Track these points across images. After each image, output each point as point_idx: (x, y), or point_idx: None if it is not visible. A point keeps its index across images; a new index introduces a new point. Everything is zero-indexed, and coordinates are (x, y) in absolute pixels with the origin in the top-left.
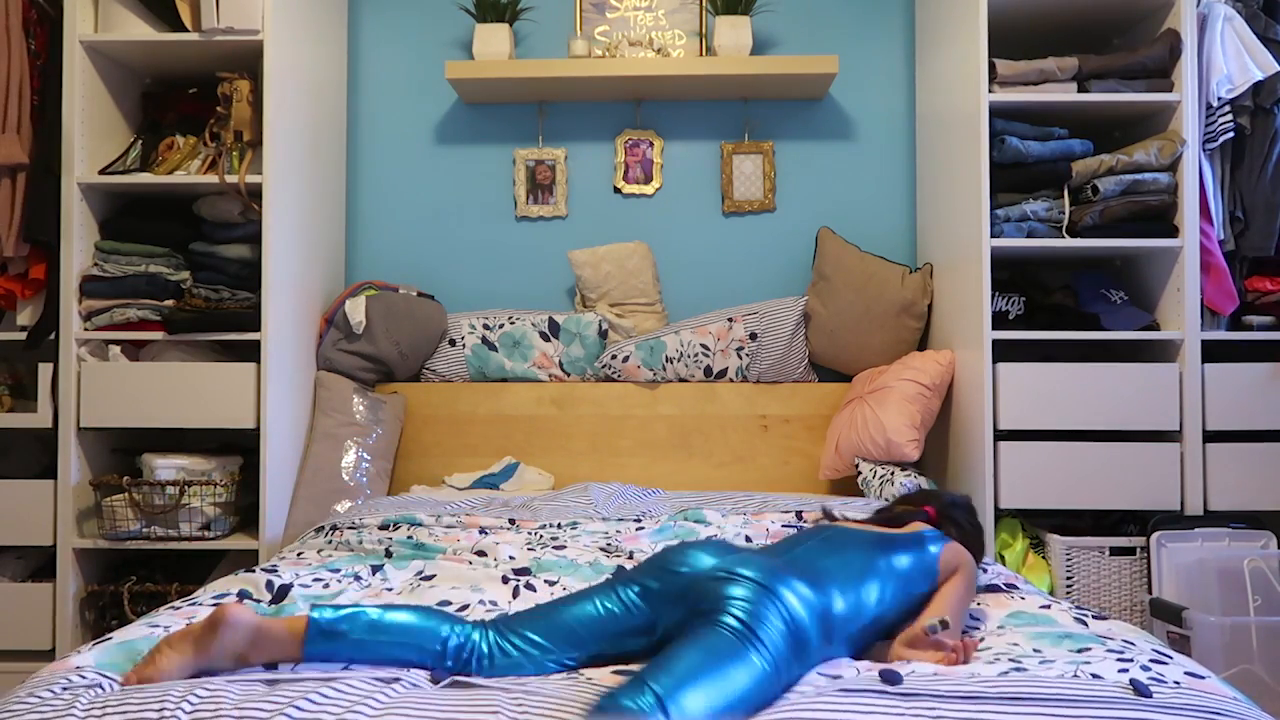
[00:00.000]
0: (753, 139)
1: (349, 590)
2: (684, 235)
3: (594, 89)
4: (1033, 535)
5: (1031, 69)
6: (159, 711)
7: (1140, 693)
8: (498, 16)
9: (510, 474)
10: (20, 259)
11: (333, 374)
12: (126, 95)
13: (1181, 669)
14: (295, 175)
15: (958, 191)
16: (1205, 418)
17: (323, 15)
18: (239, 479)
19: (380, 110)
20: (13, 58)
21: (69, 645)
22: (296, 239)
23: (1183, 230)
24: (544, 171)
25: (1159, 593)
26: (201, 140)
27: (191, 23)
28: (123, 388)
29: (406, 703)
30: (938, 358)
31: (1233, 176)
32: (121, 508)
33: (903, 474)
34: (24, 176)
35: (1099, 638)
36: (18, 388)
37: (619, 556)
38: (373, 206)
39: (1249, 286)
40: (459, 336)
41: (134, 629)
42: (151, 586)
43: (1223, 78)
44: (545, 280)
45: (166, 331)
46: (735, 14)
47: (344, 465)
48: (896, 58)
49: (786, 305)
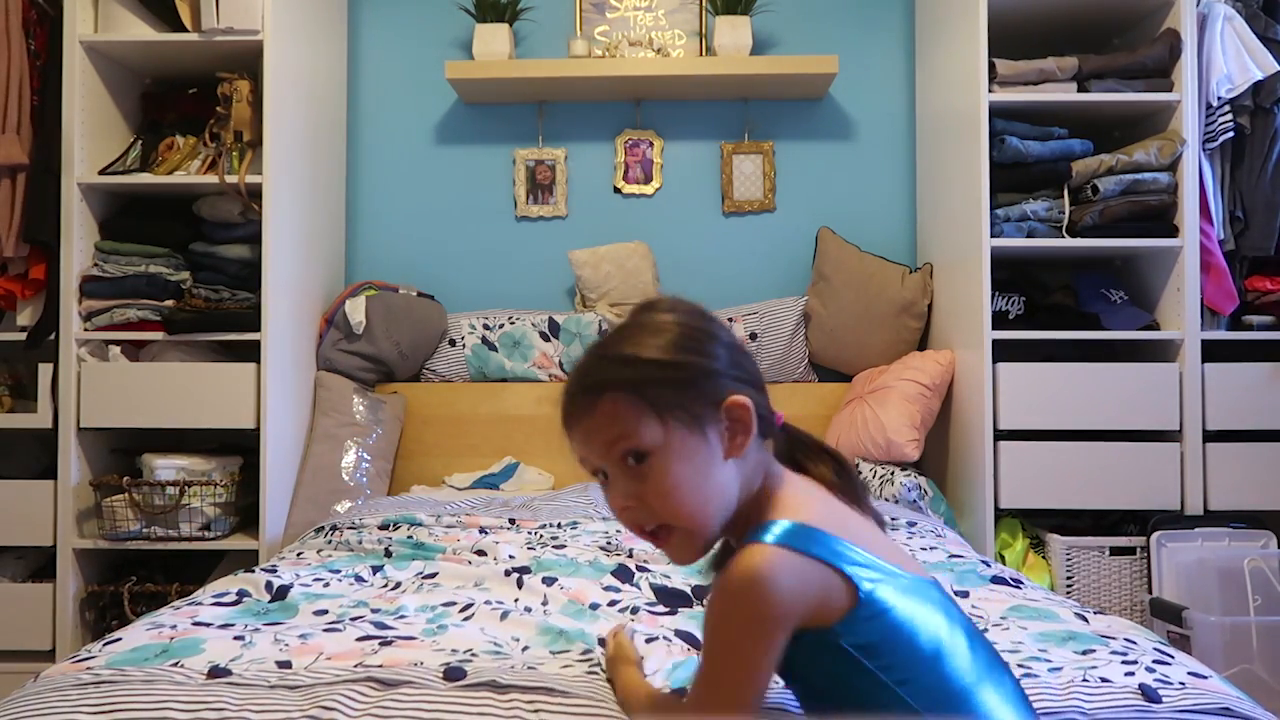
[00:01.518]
0: (753, 139)
1: (349, 590)
2: (684, 235)
3: (594, 89)
4: (1033, 535)
5: (1031, 69)
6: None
7: (1149, 698)
8: (498, 16)
9: (510, 474)
10: (20, 259)
11: (333, 374)
12: (126, 95)
13: (1185, 669)
14: (295, 175)
15: (958, 191)
16: (1205, 418)
17: (323, 15)
18: (239, 479)
19: (380, 110)
20: (13, 58)
21: (69, 646)
22: (296, 239)
23: (1183, 230)
24: (544, 171)
25: (1159, 592)
26: (201, 140)
27: (191, 23)
28: (123, 388)
29: (421, 703)
30: (938, 358)
31: (1233, 176)
32: (121, 508)
33: (903, 474)
34: (24, 176)
35: (1102, 637)
36: (18, 388)
37: (619, 556)
38: (373, 206)
39: (1249, 286)
40: (459, 336)
41: (136, 630)
42: (151, 587)
43: (1223, 77)
44: (545, 280)
45: (166, 332)
46: (735, 14)
47: (344, 465)
48: (896, 58)
49: (786, 305)
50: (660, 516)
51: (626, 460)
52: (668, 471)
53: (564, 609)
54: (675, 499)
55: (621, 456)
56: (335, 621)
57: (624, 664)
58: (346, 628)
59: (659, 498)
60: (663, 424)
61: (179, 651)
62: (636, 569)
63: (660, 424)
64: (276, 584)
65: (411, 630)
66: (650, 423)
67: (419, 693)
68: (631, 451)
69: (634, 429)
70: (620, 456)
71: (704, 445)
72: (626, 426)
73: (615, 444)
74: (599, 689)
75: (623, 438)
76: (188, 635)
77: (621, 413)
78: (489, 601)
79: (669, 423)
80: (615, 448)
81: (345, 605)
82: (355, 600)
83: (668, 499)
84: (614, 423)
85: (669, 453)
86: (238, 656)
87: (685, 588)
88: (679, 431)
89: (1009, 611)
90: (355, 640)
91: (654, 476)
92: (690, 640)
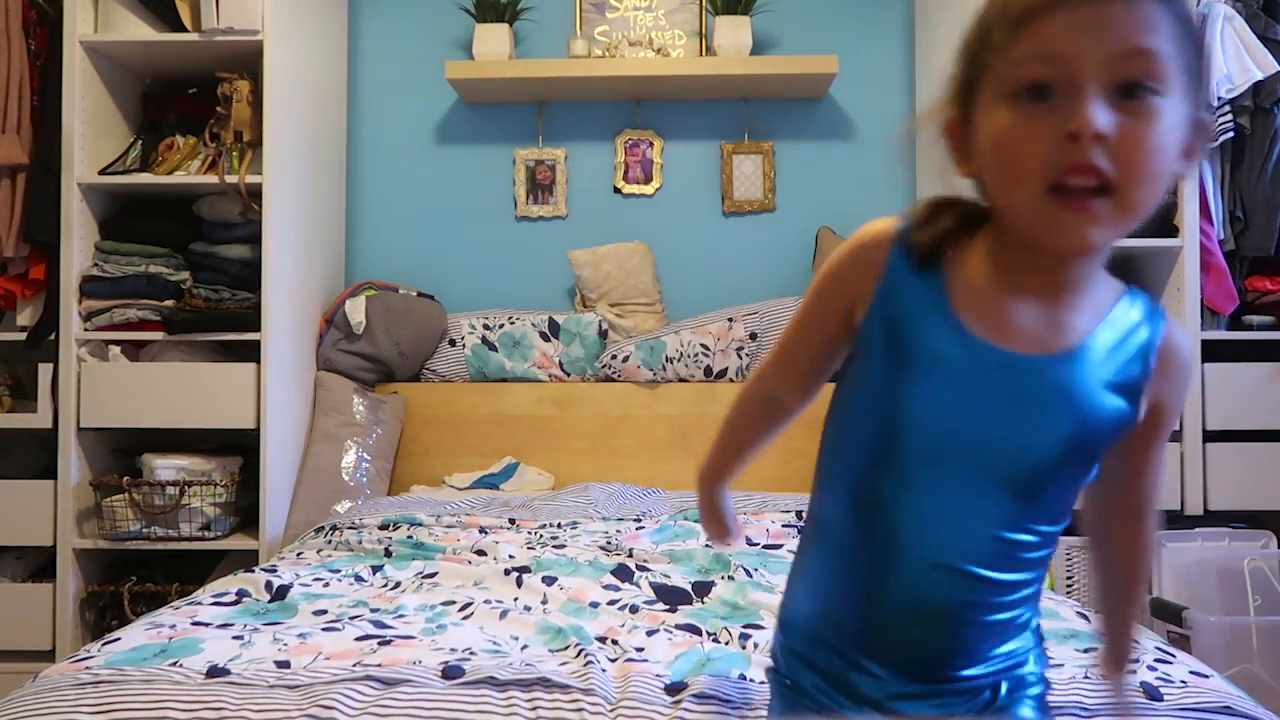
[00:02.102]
0: (753, 139)
1: (349, 590)
2: (684, 235)
3: (594, 89)
4: None
5: None
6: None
7: (1152, 696)
8: (498, 16)
9: (510, 474)
10: (20, 259)
11: (333, 374)
12: (126, 95)
13: (1186, 668)
14: (295, 175)
15: (957, 192)
16: (1205, 417)
17: (323, 15)
18: (239, 479)
19: (380, 110)
20: (13, 58)
21: (69, 646)
22: (296, 239)
23: (1183, 230)
24: (544, 171)
25: (1159, 592)
26: (201, 140)
27: (191, 23)
28: (123, 388)
29: (419, 702)
30: None
31: (1233, 176)
32: (121, 508)
33: None
34: (24, 177)
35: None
36: (18, 388)
37: (619, 555)
38: (373, 206)
39: (1249, 286)
40: (459, 336)
41: (135, 630)
42: (151, 587)
43: (1223, 77)
44: (545, 280)
45: (166, 331)
46: (735, 14)
47: (344, 465)
48: (896, 58)
49: (786, 305)
50: (1128, 170)
51: (1128, 87)
52: (1165, 123)
53: (563, 608)
54: (1159, 159)
55: (1129, 78)
56: (334, 621)
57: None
58: (345, 627)
59: (1145, 148)
60: (1185, 74)
61: (177, 651)
62: (636, 568)
63: (1183, 71)
64: (276, 584)
65: (410, 629)
66: (1177, 61)
67: (417, 691)
68: (1149, 77)
69: (1170, 55)
70: (1127, 77)
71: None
72: (1164, 46)
73: (1139, 58)
74: (595, 682)
75: (1154, 56)
76: (186, 635)
77: (1163, 27)
78: (488, 601)
79: (1187, 77)
80: (1136, 62)
81: (345, 605)
82: (355, 600)
83: (1154, 154)
84: (1153, 33)
85: (1173, 107)
86: (236, 656)
87: (685, 585)
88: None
89: None
90: (354, 640)
91: (1155, 121)
92: (694, 633)
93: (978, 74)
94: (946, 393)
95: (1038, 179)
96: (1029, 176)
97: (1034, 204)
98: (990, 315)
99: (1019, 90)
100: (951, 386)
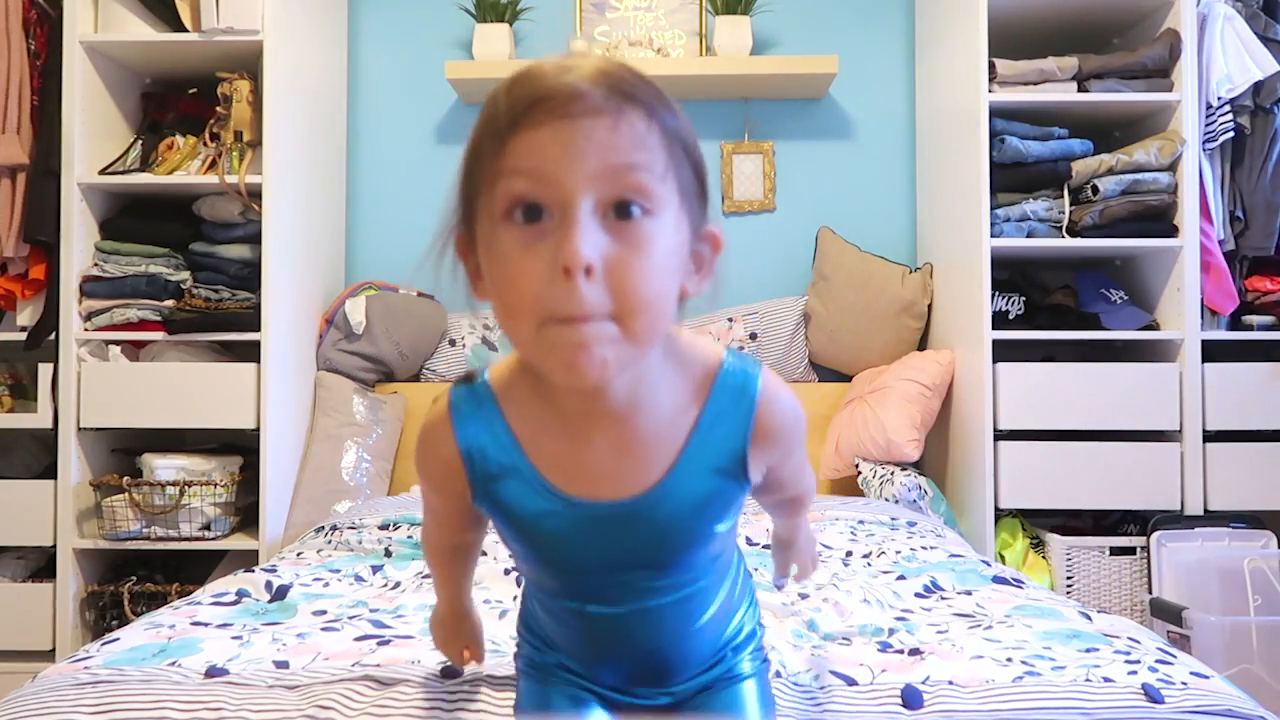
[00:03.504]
0: (753, 139)
1: (349, 590)
2: None
3: None
4: (1033, 535)
5: (1031, 69)
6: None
7: (1152, 698)
8: (498, 17)
9: None
10: (20, 259)
11: (333, 374)
12: (126, 95)
13: (1187, 669)
14: (295, 175)
15: (958, 191)
16: (1205, 417)
17: (323, 15)
18: (239, 479)
19: (380, 110)
20: (13, 58)
21: (69, 646)
22: (296, 239)
23: (1183, 230)
24: None
25: (1159, 592)
26: (201, 140)
27: (191, 23)
28: (123, 388)
29: (418, 702)
30: (938, 358)
31: (1233, 176)
32: (121, 508)
33: (903, 474)
34: (24, 177)
35: (1105, 636)
36: (18, 388)
37: None
38: (373, 206)
39: (1249, 286)
40: (459, 336)
41: (134, 630)
42: (151, 586)
43: (1223, 77)
44: None
45: (167, 332)
46: (735, 14)
47: (344, 465)
48: (896, 58)
49: (786, 305)
50: (623, 301)
51: (617, 206)
52: (658, 244)
53: None
54: (657, 284)
55: (616, 197)
56: (333, 621)
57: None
58: (344, 627)
59: (638, 276)
60: (679, 193)
61: (176, 651)
62: None
63: (676, 190)
64: (276, 584)
65: (409, 629)
66: (669, 179)
67: (416, 691)
68: (639, 194)
69: (658, 170)
70: (615, 196)
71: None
72: (652, 161)
73: (623, 174)
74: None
75: (640, 170)
76: (185, 635)
77: (650, 143)
78: (488, 600)
79: (681, 197)
80: (620, 180)
81: (344, 605)
82: (355, 600)
83: (650, 280)
84: (638, 147)
85: (668, 226)
86: (235, 656)
87: None
88: (683, 212)
89: (1013, 610)
90: (353, 640)
91: (647, 245)
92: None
93: (474, 192)
94: (560, 543)
95: (531, 314)
96: (524, 310)
97: (532, 340)
98: (566, 463)
99: (510, 209)
100: (562, 537)
